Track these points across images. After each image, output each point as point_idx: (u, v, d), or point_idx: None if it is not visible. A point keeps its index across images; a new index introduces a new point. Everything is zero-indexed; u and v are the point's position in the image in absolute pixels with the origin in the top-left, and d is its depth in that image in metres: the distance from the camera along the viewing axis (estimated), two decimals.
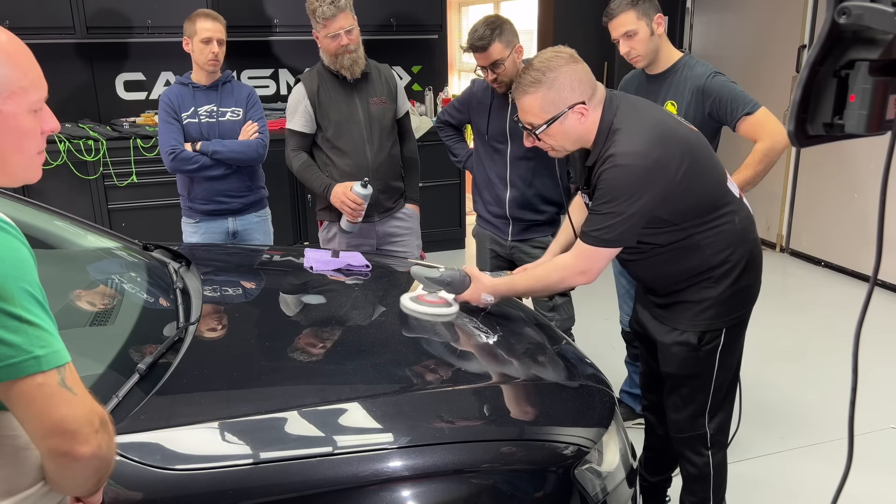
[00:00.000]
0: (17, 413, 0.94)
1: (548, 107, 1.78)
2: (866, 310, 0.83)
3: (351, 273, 2.31)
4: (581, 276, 1.87)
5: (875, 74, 0.78)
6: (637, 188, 1.72)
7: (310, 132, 2.82)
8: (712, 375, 1.97)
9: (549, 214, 2.73)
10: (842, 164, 4.81)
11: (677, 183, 1.76)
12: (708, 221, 1.86)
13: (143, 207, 4.63)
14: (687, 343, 1.95)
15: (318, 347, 1.82)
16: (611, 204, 1.75)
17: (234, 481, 1.30)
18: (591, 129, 1.81)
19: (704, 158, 1.86)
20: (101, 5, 4.52)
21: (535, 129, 1.82)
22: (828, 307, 4.34)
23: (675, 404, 2.05)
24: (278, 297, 2.23)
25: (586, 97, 1.78)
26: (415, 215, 3.06)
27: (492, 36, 2.46)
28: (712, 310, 1.92)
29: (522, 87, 1.79)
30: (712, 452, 2.06)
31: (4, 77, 0.97)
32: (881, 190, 0.82)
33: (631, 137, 1.75)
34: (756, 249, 1.97)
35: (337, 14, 2.63)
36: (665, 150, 1.74)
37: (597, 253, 1.82)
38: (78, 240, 2.18)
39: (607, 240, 1.79)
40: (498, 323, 2.00)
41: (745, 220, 1.93)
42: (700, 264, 1.89)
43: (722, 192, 1.89)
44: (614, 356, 3.11)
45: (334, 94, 2.78)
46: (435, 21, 5.19)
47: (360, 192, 2.67)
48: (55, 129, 1.06)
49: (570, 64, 1.78)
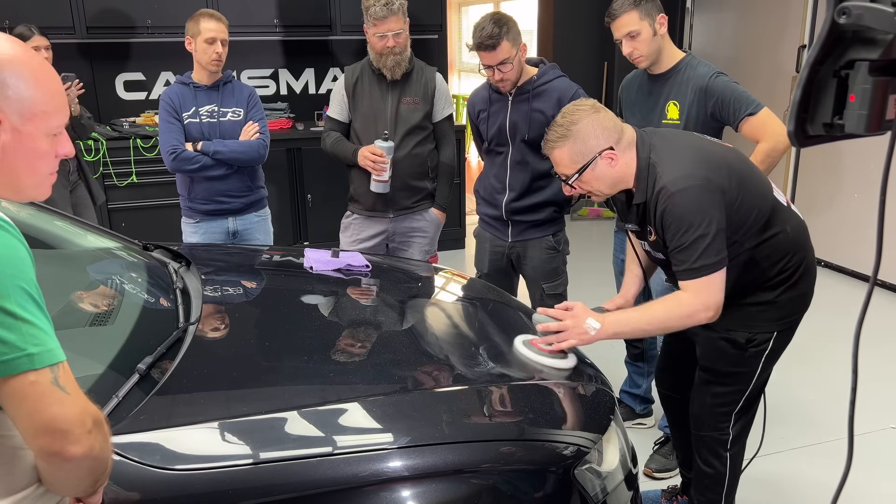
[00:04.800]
0: (9, 411, 0.94)
1: (576, 157, 1.84)
2: (866, 310, 0.83)
3: (351, 273, 2.31)
4: (707, 311, 1.79)
5: (875, 74, 0.78)
6: (704, 206, 1.75)
7: (343, 121, 2.97)
8: (753, 377, 1.96)
9: (548, 214, 2.72)
10: (842, 164, 4.81)
11: (734, 197, 1.79)
12: (761, 233, 1.86)
13: (143, 207, 4.63)
14: (733, 341, 1.94)
15: (318, 347, 1.82)
16: (690, 231, 1.75)
17: (234, 481, 1.30)
18: (626, 171, 1.85)
19: (748, 171, 1.89)
20: (101, 5, 4.52)
21: (568, 179, 1.87)
22: (828, 307, 4.33)
23: (703, 401, 2.03)
24: (278, 298, 2.23)
25: (613, 142, 1.83)
26: (434, 220, 3.07)
27: (500, 34, 2.44)
28: (767, 313, 1.92)
29: (550, 144, 1.87)
30: (731, 454, 2.05)
31: (30, 99, 0.98)
32: (881, 190, 0.82)
33: (673, 166, 1.79)
34: (811, 256, 1.96)
35: (388, 17, 2.71)
36: (710, 168, 1.78)
37: (710, 282, 1.78)
38: (78, 240, 2.18)
39: (711, 264, 1.76)
40: (497, 323, 2.00)
41: (796, 227, 1.94)
42: (756, 278, 1.91)
43: (771, 202, 1.90)
44: (614, 356, 3.11)
45: (370, 88, 2.89)
46: (435, 21, 5.19)
47: (380, 146, 2.80)
48: (69, 154, 1.06)
49: (593, 114, 1.85)
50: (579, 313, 1.85)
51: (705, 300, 1.79)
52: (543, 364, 1.80)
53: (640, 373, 2.99)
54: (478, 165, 7.43)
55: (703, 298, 1.79)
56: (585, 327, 1.82)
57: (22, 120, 0.98)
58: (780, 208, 1.91)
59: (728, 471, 2.07)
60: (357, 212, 3.05)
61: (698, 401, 2.05)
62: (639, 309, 1.95)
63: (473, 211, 3.93)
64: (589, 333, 1.82)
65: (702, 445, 2.08)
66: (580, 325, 1.83)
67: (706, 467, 2.09)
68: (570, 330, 1.83)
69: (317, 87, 5.39)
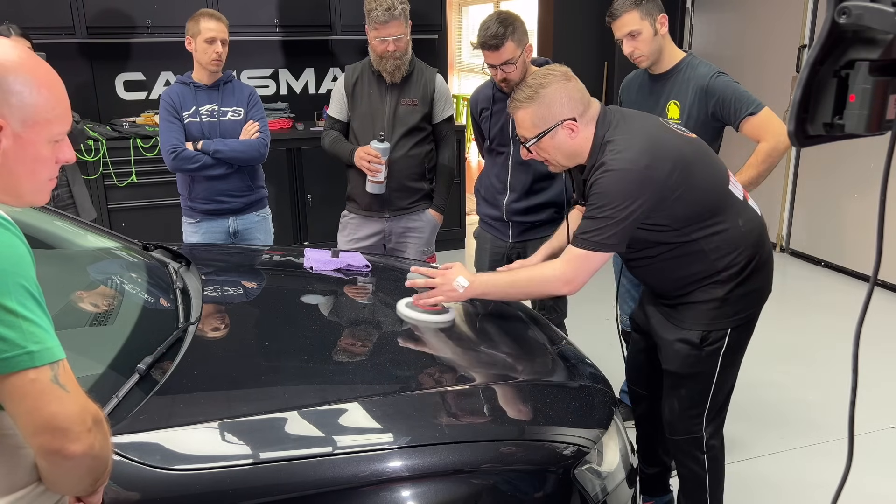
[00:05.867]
0: (8, 409, 0.94)
1: (538, 121, 1.84)
2: (866, 310, 0.83)
3: (351, 273, 2.31)
4: (566, 285, 1.86)
5: (875, 74, 0.78)
6: (628, 193, 1.76)
7: (343, 120, 2.99)
8: (713, 377, 1.97)
9: (549, 214, 2.72)
10: (842, 164, 4.81)
11: (671, 189, 1.79)
12: (708, 226, 1.87)
13: (143, 207, 4.63)
14: (689, 341, 1.95)
15: (318, 347, 1.82)
16: (603, 209, 1.78)
17: (234, 481, 1.30)
18: (584, 145, 1.86)
19: (700, 165, 1.88)
20: (101, 5, 4.52)
21: (527, 141, 1.88)
22: (828, 307, 4.34)
23: (672, 406, 2.04)
24: (278, 298, 2.23)
25: (577, 114, 1.83)
26: (431, 221, 3.07)
27: (505, 34, 2.40)
28: (718, 310, 1.92)
29: (516, 103, 1.87)
30: (708, 457, 2.05)
31: (34, 106, 0.99)
32: (881, 190, 0.82)
33: (621, 147, 1.80)
34: (764, 252, 1.96)
35: (390, 21, 2.71)
36: (655, 158, 1.78)
37: (587, 259, 1.82)
38: (78, 240, 2.19)
39: (597, 242, 1.80)
40: (497, 323, 2.00)
41: (749, 222, 1.94)
42: (706, 269, 1.91)
43: (722, 197, 1.90)
44: (614, 356, 3.11)
45: (369, 88, 2.89)
46: (435, 21, 5.19)
47: (375, 147, 2.80)
48: (70, 160, 1.07)
49: (562, 81, 1.84)
50: (451, 273, 1.94)
51: (571, 274, 1.84)
52: (418, 319, 1.94)
53: None
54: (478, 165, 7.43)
55: (569, 270, 1.84)
56: (455, 285, 1.92)
57: (24, 126, 0.98)
58: (734, 202, 1.92)
59: (707, 472, 2.06)
60: (354, 211, 3.05)
61: (668, 406, 2.06)
62: (510, 273, 2.03)
63: (473, 211, 3.93)
64: (457, 291, 1.92)
65: (678, 450, 2.09)
66: (449, 283, 1.93)
67: (686, 471, 2.10)
68: (438, 287, 1.95)
69: (317, 87, 5.39)
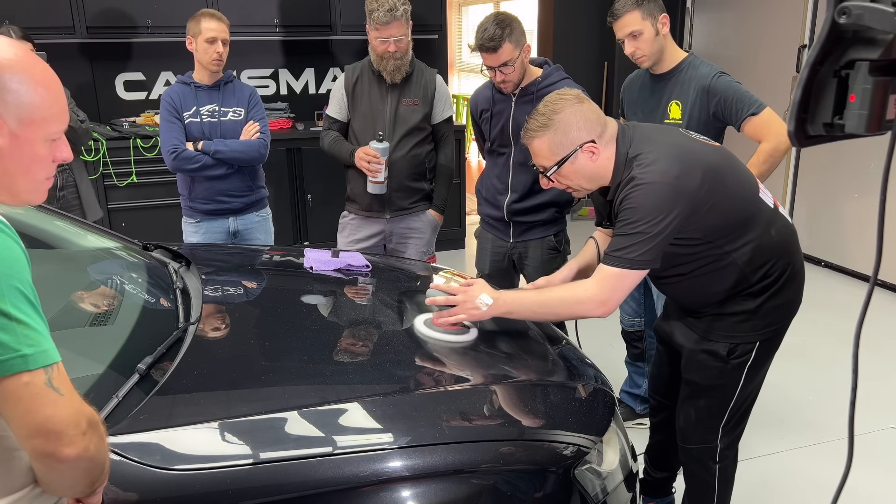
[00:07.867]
0: (3, 412, 0.94)
1: (556, 148, 1.77)
2: (866, 310, 0.83)
3: (351, 273, 2.31)
4: (600, 307, 1.76)
5: (875, 74, 0.78)
6: (661, 207, 1.69)
7: (342, 120, 2.98)
8: (735, 390, 1.90)
9: (550, 214, 2.72)
10: (842, 164, 4.81)
11: (702, 200, 1.72)
12: (741, 237, 1.80)
13: (143, 207, 4.63)
14: (715, 353, 1.88)
15: (318, 347, 1.82)
16: (636, 224, 1.70)
17: (234, 481, 1.30)
18: (606, 166, 1.79)
19: (729, 174, 1.81)
20: (101, 5, 4.52)
21: (546, 171, 1.81)
22: (828, 307, 4.34)
23: (688, 414, 1.98)
24: (278, 298, 2.23)
25: (595, 135, 1.77)
26: (431, 221, 3.07)
27: (502, 36, 2.40)
28: (748, 322, 1.85)
29: (530, 133, 1.79)
30: (720, 467, 2.00)
31: (30, 105, 0.98)
32: (881, 190, 0.82)
33: (649, 159, 1.73)
34: (797, 262, 1.89)
35: (391, 22, 2.71)
36: (685, 169, 1.72)
37: (621, 278, 1.74)
38: (78, 240, 2.18)
39: (632, 260, 1.71)
40: (497, 323, 1.99)
41: (782, 230, 1.86)
42: (739, 282, 1.84)
43: (754, 205, 1.83)
44: (614, 356, 3.11)
45: (369, 88, 2.89)
46: (435, 21, 5.19)
47: (375, 147, 2.79)
48: (67, 158, 1.06)
49: (576, 104, 1.77)
50: (474, 289, 1.83)
51: (605, 294, 1.75)
52: (440, 340, 1.82)
53: (640, 373, 2.99)
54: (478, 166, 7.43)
55: (604, 291, 1.75)
56: (477, 303, 1.81)
57: (21, 125, 0.98)
58: (766, 211, 1.85)
59: (717, 482, 2.01)
60: (354, 212, 3.05)
61: (684, 414, 2.00)
62: (538, 291, 1.91)
63: (474, 211, 3.93)
64: (480, 309, 1.81)
65: (690, 458, 2.04)
66: (471, 301, 1.82)
67: (694, 478, 2.06)
68: (461, 305, 1.83)
69: (317, 87, 5.39)
